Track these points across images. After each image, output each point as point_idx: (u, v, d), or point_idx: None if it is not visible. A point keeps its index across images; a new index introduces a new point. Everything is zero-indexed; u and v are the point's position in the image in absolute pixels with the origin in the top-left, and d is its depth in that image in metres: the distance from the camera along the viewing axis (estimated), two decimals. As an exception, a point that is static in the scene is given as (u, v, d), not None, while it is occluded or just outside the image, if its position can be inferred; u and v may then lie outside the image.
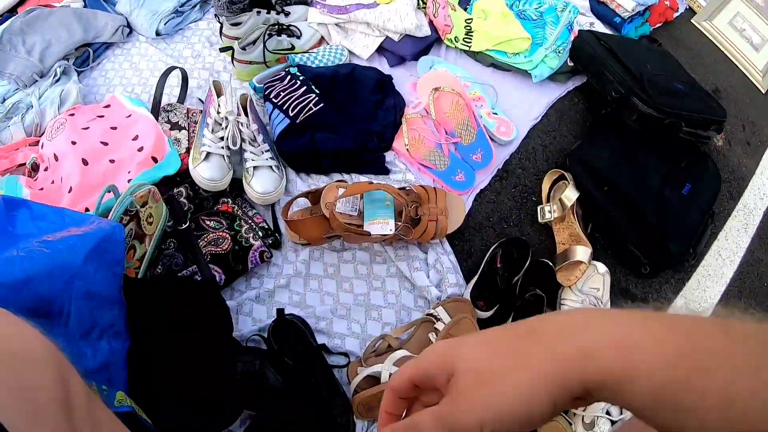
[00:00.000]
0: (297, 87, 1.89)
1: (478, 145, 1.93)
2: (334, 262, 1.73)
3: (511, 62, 2.17)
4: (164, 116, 1.82)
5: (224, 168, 1.66)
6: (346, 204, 1.68)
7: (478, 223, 1.85)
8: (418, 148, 1.90)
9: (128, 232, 1.35)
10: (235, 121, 1.69)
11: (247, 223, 1.66)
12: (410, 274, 1.68)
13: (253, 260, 1.61)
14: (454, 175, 1.88)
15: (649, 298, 1.79)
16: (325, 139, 1.81)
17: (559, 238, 1.82)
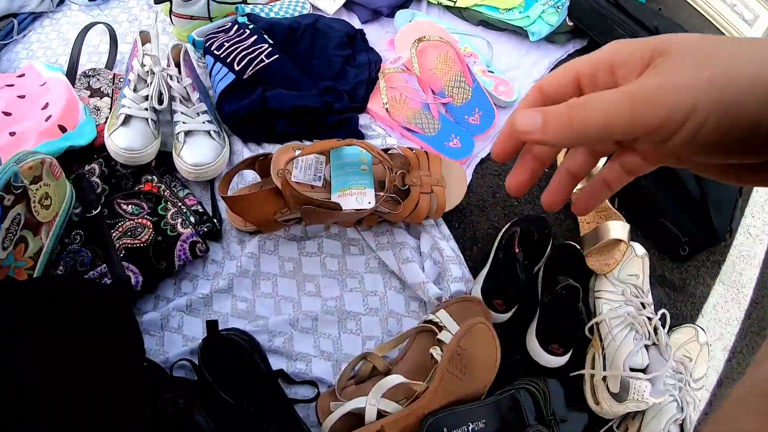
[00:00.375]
0: (246, 37, 1.39)
1: (475, 105, 1.45)
2: (294, 256, 1.22)
3: (504, 19, 1.72)
4: (84, 82, 1.41)
5: (147, 135, 1.23)
6: (306, 170, 1.16)
7: (482, 199, 1.37)
8: (399, 110, 1.41)
9: (14, 217, 0.99)
10: (163, 74, 1.26)
11: (176, 206, 1.20)
12: (398, 267, 1.18)
13: (182, 255, 1.15)
14: (447, 140, 1.39)
15: (688, 285, 1.43)
16: (280, 96, 1.31)
17: (583, 216, 1.38)
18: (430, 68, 1.48)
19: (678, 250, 1.41)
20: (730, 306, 1.46)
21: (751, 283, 1.53)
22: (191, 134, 1.24)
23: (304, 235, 1.23)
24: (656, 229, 1.43)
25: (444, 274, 1.18)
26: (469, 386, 1.03)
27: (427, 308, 1.18)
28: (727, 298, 1.47)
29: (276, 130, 1.31)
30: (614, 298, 1.23)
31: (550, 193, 0.49)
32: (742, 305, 1.48)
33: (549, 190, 0.49)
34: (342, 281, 1.19)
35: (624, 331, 1.17)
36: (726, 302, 1.46)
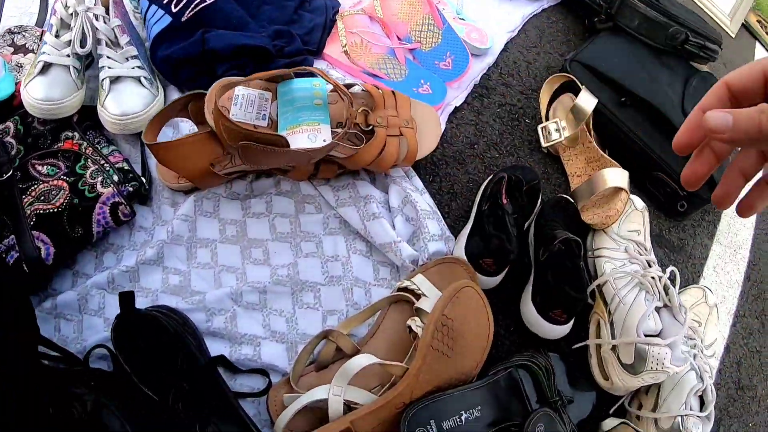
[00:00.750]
0: (185, -23, 1.11)
1: (445, 48, 1.19)
2: (237, 217, 0.94)
3: (471, -33, 1.46)
4: (8, 38, 1.15)
5: (69, 85, 0.97)
6: (248, 107, 0.89)
7: (458, 151, 1.10)
8: (361, 55, 1.14)
9: None
10: (87, 14, 0.99)
11: (97, 164, 0.94)
12: (363, 226, 0.91)
13: (102, 220, 0.89)
14: (416, 86, 1.12)
15: (686, 245, 1.25)
16: (222, 36, 1.03)
17: (572, 168, 1.16)
18: (394, 13, 1.21)
19: (676, 206, 1.22)
20: (729, 268, 1.28)
21: (747, 244, 1.40)
22: (118, 81, 0.98)
23: (250, 193, 0.95)
24: (652, 183, 1.21)
25: (419, 232, 0.91)
26: (458, 365, 0.76)
27: (399, 274, 0.91)
28: (726, 259, 1.28)
29: (216, 74, 1.02)
30: (616, 255, 0.99)
31: (723, 191, 0.49)
32: (741, 267, 1.31)
33: (722, 188, 0.49)
34: (296, 245, 0.92)
35: (633, 292, 0.92)
36: (725, 264, 1.28)
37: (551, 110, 1.19)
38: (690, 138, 0.47)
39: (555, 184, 1.14)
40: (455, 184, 1.04)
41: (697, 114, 0.47)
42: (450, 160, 1.07)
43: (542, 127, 1.15)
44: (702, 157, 0.49)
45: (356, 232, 0.93)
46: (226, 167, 0.86)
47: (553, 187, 1.13)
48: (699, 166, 0.49)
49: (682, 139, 0.48)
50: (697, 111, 0.47)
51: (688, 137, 0.47)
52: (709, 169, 0.49)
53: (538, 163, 1.15)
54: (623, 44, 1.35)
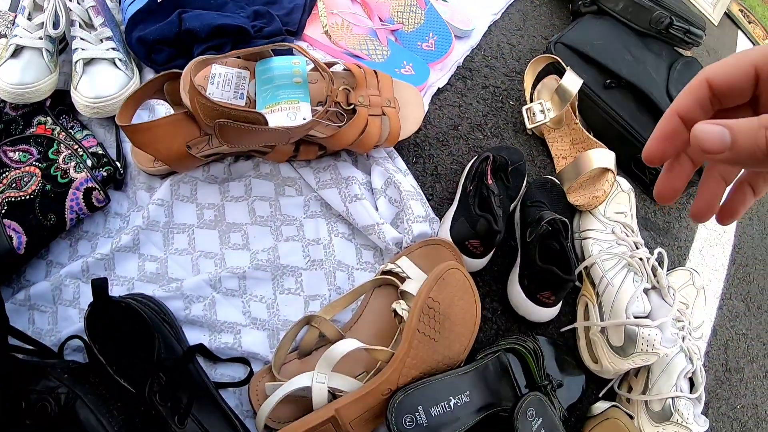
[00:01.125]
0: (160, -43, 1.06)
1: (428, 29, 1.15)
2: (215, 201, 0.90)
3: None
4: None
5: (42, 68, 0.92)
6: (225, 86, 0.85)
7: (442, 132, 1.07)
8: (342, 35, 1.10)
9: None
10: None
11: (71, 148, 0.88)
12: (345, 208, 0.88)
13: (75, 206, 0.84)
14: (398, 67, 1.08)
15: (672, 228, 1.23)
16: (199, 16, 0.98)
17: (557, 150, 1.14)
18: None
19: None
20: (715, 251, 1.26)
21: (732, 227, 1.39)
22: (92, 63, 0.93)
23: (228, 176, 0.91)
24: (637, 166, 1.19)
25: (403, 214, 0.88)
26: (445, 349, 0.73)
27: (383, 257, 0.88)
28: (711, 242, 1.27)
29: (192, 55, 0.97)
30: (603, 237, 0.97)
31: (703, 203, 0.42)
32: (726, 250, 1.29)
33: (701, 200, 0.42)
34: (276, 229, 0.88)
35: (621, 274, 0.90)
36: (711, 247, 1.26)
37: (536, 92, 1.16)
38: (664, 148, 0.40)
39: (540, 166, 1.11)
40: (439, 166, 1.00)
41: (671, 119, 0.40)
42: (433, 141, 1.04)
43: (527, 108, 1.12)
44: (678, 166, 0.42)
45: (338, 215, 0.89)
46: (204, 149, 0.82)
47: (539, 170, 1.10)
48: (675, 179, 0.42)
49: (654, 149, 0.40)
50: (671, 115, 0.40)
51: (662, 148, 0.40)
52: (685, 180, 0.42)
53: (523, 144, 1.12)
54: (608, 27, 1.33)
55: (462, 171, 0.99)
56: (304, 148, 0.85)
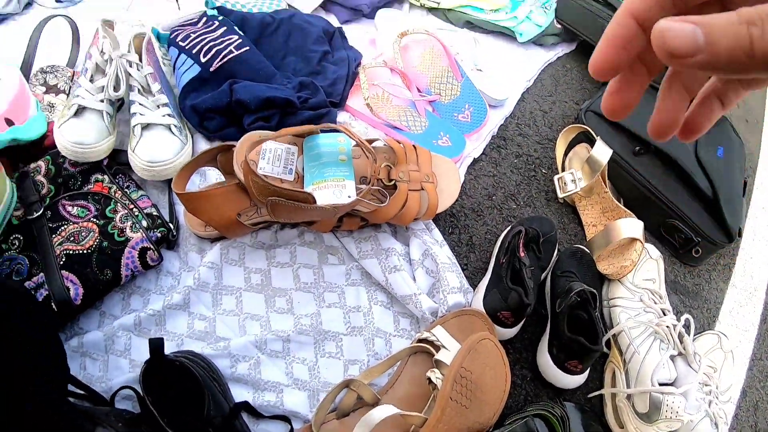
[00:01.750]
0: (214, 28, 1.16)
1: (464, 101, 1.22)
2: (262, 266, 0.96)
3: (490, 20, 1.51)
4: (40, 77, 1.19)
5: (101, 130, 0.99)
6: (275, 162, 0.91)
7: (477, 203, 1.13)
8: (382, 107, 1.18)
9: None
10: (121, 60, 1.02)
11: (127, 208, 0.96)
12: (385, 278, 0.93)
13: (130, 263, 0.90)
14: (435, 138, 1.15)
15: (701, 290, 1.24)
16: (249, 88, 1.06)
17: (588, 218, 1.18)
18: (415, 65, 1.25)
19: (690, 252, 1.22)
20: (745, 311, 1.28)
21: (763, 285, 1.38)
22: (149, 128, 1.00)
23: (275, 243, 0.98)
24: (666, 230, 1.22)
25: (439, 285, 0.93)
26: (476, 415, 0.78)
27: (420, 325, 0.93)
28: (742, 302, 1.28)
29: (243, 125, 1.06)
30: (631, 305, 1.01)
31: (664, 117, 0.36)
32: (757, 309, 1.30)
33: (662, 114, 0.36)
34: (319, 296, 0.94)
35: (648, 342, 0.94)
36: (741, 307, 1.28)
37: (567, 160, 1.22)
38: (616, 58, 0.33)
39: (571, 233, 1.15)
40: (474, 236, 1.06)
41: (624, 22, 0.33)
42: (468, 211, 1.09)
43: (558, 178, 1.18)
44: (631, 77, 0.36)
45: (378, 284, 0.95)
46: (252, 217, 0.89)
47: (570, 237, 1.15)
48: (627, 93, 0.37)
49: (603, 59, 0.34)
50: (624, 17, 0.33)
51: (614, 57, 0.34)
52: (640, 93, 0.37)
53: (555, 213, 1.17)
54: None
55: (495, 241, 1.04)
56: (346, 219, 0.91)
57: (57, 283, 0.86)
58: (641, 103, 1.11)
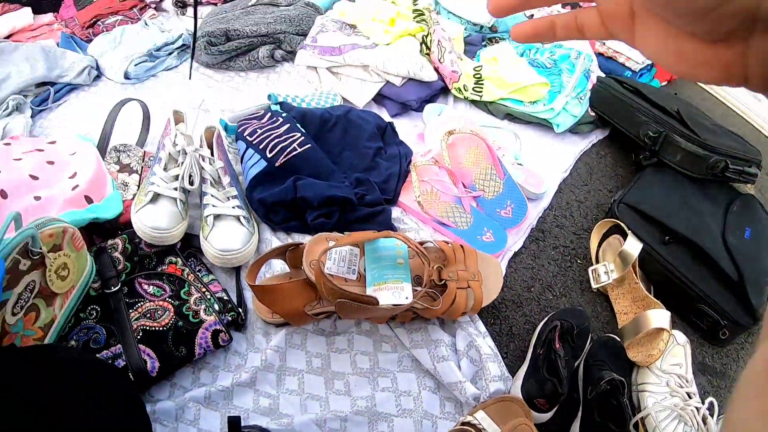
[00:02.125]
0: (278, 125, 1.30)
1: (506, 198, 1.33)
2: (323, 351, 1.07)
3: (529, 112, 1.64)
4: (114, 156, 1.32)
5: (175, 216, 1.11)
6: (340, 262, 1.03)
7: (517, 294, 1.23)
8: (431, 204, 1.30)
9: (28, 283, 0.87)
10: (195, 155, 1.16)
11: (200, 291, 1.08)
12: (433, 365, 1.03)
13: (203, 343, 1.01)
14: (480, 234, 1.26)
15: (729, 370, 1.28)
16: (311, 185, 1.19)
17: (619, 307, 1.26)
18: (461, 161, 1.37)
19: (718, 335, 1.26)
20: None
21: None
22: (220, 218, 1.13)
23: (334, 330, 1.09)
24: (695, 314, 1.28)
25: (481, 373, 1.03)
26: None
27: (463, 409, 1.02)
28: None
29: (306, 220, 1.19)
30: (659, 390, 1.09)
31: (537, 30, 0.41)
32: None
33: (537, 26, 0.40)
34: (373, 380, 1.04)
35: (672, 425, 1.02)
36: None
37: (600, 252, 1.31)
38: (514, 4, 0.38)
39: (604, 321, 1.24)
40: (513, 326, 1.16)
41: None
42: (509, 303, 1.19)
43: (592, 269, 1.27)
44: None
45: (427, 371, 1.04)
46: (316, 308, 1.00)
47: (603, 325, 1.23)
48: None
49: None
50: None
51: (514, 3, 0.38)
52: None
53: (589, 302, 1.26)
54: (667, 180, 1.45)
55: (534, 330, 1.13)
56: (400, 313, 1.02)
57: (135, 355, 0.95)
58: (668, 195, 1.17)
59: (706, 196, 1.43)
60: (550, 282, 1.26)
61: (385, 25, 1.71)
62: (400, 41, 1.67)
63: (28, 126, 1.53)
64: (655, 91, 1.64)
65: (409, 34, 1.70)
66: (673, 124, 1.46)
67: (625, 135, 1.59)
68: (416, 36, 1.71)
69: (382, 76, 1.61)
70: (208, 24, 1.77)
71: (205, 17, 1.87)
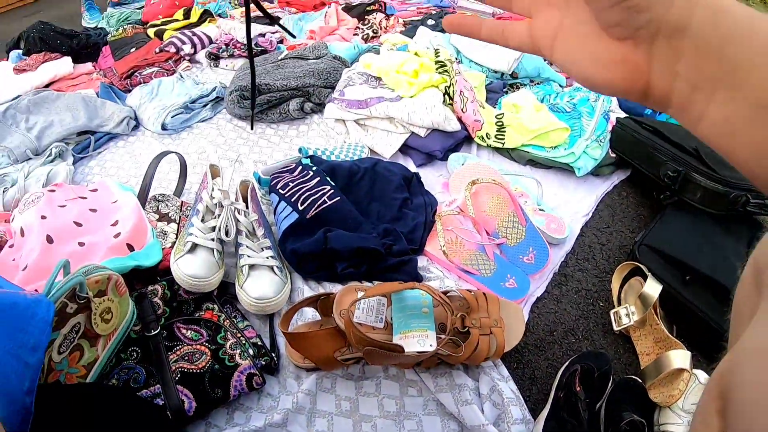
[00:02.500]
0: (309, 178, 1.38)
1: (528, 244, 1.38)
2: (351, 395, 1.12)
3: (550, 156, 1.69)
4: (153, 206, 1.42)
5: (212, 265, 1.19)
6: (369, 312, 1.09)
7: (539, 339, 1.27)
8: (456, 252, 1.35)
9: (74, 325, 0.95)
10: (231, 207, 1.25)
11: (235, 336, 1.14)
12: (457, 409, 1.07)
13: (238, 386, 1.07)
14: (503, 281, 1.31)
15: None
16: (341, 237, 1.26)
17: (641, 348, 1.28)
18: (484, 210, 1.42)
19: None
20: None
21: None
22: (255, 268, 1.20)
23: (362, 375, 1.14)
24: (717, 352, 1.28)
25: (504, 417, 1.06)
26: None
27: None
28: None
29: (336, 270, 1.26)
30: (680, 430, 1.10)
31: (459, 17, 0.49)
32: None
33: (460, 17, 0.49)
34: (400, 423, 1.08)
35: (691, 462, 1.05)
36: None
37: (622, 294, 1.34)
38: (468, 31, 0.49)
39: (626, 362, 1.26)
40: (536, 370, 1.19)
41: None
42: (531, 347, 1.23)
43: (614, 312, 1.30)
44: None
45: (451, 414, 1.08)
46: (345, 354, 1.06)
47: (624, 366, 1.25)
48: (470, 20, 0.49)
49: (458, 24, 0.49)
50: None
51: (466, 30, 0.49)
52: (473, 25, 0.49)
53: (611, 344, 1.28)
54: (688, 219, 1.46)
55: (555, 373, 1.16)
56: (425, 359, 1.06)
57: (173, 395, 1.01)
58: (689, 234, 1.18)
59: (729, 232, 1.45)
60: (572, 325, 1.29)
61: (409, 77, 1.80)
62: (423, 93, 1.74)
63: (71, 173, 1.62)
64: (674, 129, 1.66)
65: (432, 86, 1.78)
66: (691, 163, 1.48)
67: (646, 175, 1.61)
68: (439, 87, 1.79)
69: (408, 128, 1.69)
70: (241, 78, 1.86)
71: (238, 71, 1.98)
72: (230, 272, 1.26)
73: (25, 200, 1.33)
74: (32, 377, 0.78)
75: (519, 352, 1.21)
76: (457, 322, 1.06)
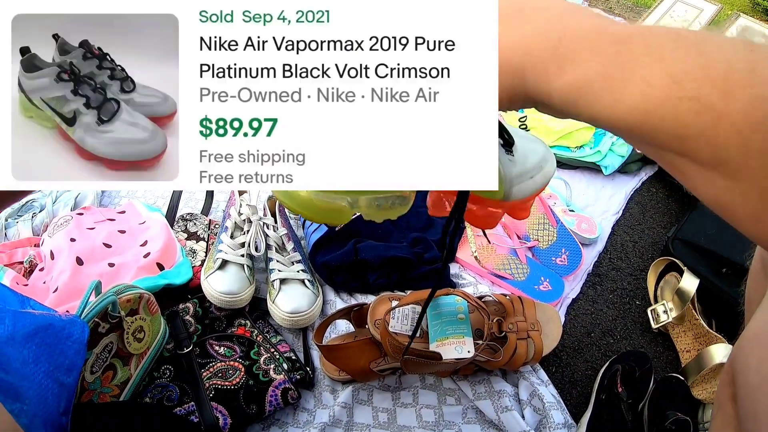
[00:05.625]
0: (337, 189, 1.34)
1: (561, 246, 1.37)
2: (388, 406, 1.11)
3: (576, 156, 1.67)
4: (182, 224, 1.40)
5: (243, 281, 1.18)
6: (403, 320, 1.08)
7: (577, 341, 1.25)
8: (488, 257, 1.34)
9: (106, 345, 0.94)
10: (260, 222, 1.24)
11: (269, 351, 1.13)
12: (497, 416, 1.06)
13: (273, 401, 1.05)
14: (537, 284, 1.29)
15: None
16: (371, 247, 1.25)
17: (681, 345, 1.26)
18: (514, 213, 1.41)
19: None
20: None
21: None
22: (286, 282, 1.19)
23: (399, 386, 1.13)
24: None
25: (545, 422, 1.05)
26: None
27: (529, 458, 1.05)
28: None
29: (368, 281, 1.25)
30: None
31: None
32: None
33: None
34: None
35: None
36: None
37: (659, 290, 1.32)
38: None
39: (666, 361, 1.24)
40: (575, 373, 1.17)
41: None
42: (569, 350, 1.21)
43: (651, 309, 1.28)
44: None
45: (491, 422, 1.07)
46: (381, 365, 1.05)
47: (665, 365, 1.23)
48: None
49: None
50: None
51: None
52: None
53: (650, 342, 1.26)
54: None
55: (595, 375, 1.15)
56: (463, 366, 1.05)
57: (208, 412, 1.00)
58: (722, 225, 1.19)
59: (757, 221, 1.41)
60: (609, 326, 1.27)
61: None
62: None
63: (98, 197, 1.62)
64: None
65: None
66: (718, 152, 1.45)
67: (674, 168, 1.58)
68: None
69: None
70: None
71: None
72: (261, 288, 1.26)
73: (54, 224, 1.33)
74: (68, 398, 0.78)
75: (557, 355, 1.19)
76: (494, 327, 1.05)
